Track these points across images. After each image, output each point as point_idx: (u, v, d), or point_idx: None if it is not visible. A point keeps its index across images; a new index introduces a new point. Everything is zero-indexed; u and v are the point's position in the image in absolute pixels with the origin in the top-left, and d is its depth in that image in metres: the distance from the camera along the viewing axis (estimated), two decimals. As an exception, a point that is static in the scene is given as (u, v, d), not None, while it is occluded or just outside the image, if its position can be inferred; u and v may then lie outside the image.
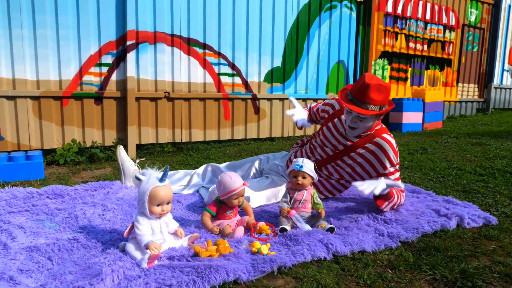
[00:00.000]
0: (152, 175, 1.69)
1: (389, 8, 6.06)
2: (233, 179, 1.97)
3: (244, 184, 2.00)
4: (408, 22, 6.34)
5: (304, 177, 2.07)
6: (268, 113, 4.97)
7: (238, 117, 4.74)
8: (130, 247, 1.65)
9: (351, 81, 5.76)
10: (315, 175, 2.10)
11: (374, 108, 2.13)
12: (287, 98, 5.08)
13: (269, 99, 4.95)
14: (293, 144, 3.10)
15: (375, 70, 6.07)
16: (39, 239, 1.82)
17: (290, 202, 2.08)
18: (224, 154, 4.18)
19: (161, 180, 1.67)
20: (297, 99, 5.14)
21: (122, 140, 4.04)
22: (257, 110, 4.88)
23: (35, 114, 3.60)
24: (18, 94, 3.49)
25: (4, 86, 3.46)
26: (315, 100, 5.37)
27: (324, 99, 5.29)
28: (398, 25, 6.23)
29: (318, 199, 2.11)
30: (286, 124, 5.16)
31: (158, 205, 1.67)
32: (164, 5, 4.09)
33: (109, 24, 3.84)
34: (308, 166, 2.09)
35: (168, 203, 1.71)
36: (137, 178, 1.69)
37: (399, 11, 6.20)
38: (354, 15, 5.62)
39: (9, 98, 3.47)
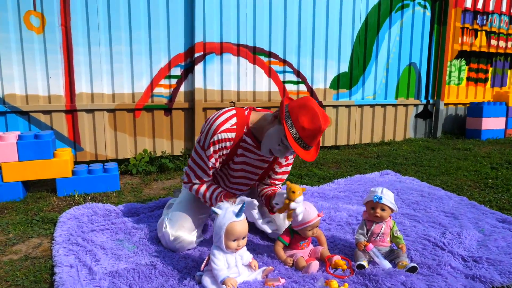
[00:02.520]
0: (228, 209, 1.67)
1: (468, 4, 5.55)
2: (308, 210, 1.90)
3: (319, 215, 1.91)
4: (490, 18, 5.76)
5: (383, 209, 1.93)
6: (333, 120, 4.81)
7: (302, 125, 4.63)
8: (207, 280, 1.65)
9: (423, 84, 5.38)
10: (395, 207, 1.95)
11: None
12: (353, 105, 4.87)
13: (335, 106, 4.78)
14: (355, 153, 2.91)
15: (450, 72, 5.61)
16: (120, 263, 1.89)
17: (367, 235, 1.95)
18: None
19: (238, 215, 1.65)
20: (364, 105, 4.93)
21: (189, 150, 4.13)
22: (322, 118, 4.73)
23: (110, 126, 3.80)
24: (96, 108, 3.70)
25: (84, 100, 3.70)
26: (383, 106, 5.10)
27: (394, 105, 5.00)
28: (478, 21, 5.69)
29: (398, 232, 1.96)
30: (352, 131, 4.95)
31: (234, 240, 1.65)
32: (231, 15, 4.10)
33: (178, 37, 3.94)
34: (388, 197, 1.95)
35: (244, 238, 1.68)
36: (214, 212, 1.68)
37: (479, 5, 5.65)
38: (428, 13, 5.22)
39: (88, 111, 3.70)
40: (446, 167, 3.89)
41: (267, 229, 1.97)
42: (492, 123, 5.30)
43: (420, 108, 5.42)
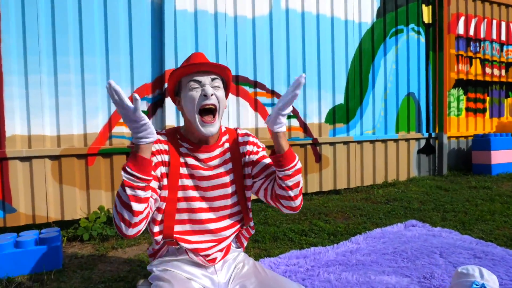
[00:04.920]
0: None
1: (461, 30, 5.20)
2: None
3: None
4: (482, 45, 5.43)
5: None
6: (331, 160, 4.10)
7: (297, 166, 3.87)
8: None
9: (423, 116, 4.84)
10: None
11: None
12: (352, 141, 4.21)
13: (332, 144, 4.09)
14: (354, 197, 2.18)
15: (449, 102, 5.13)
16: None
17: None
18: (284, 217, 3.30)
19: None
20: (364, 141, 4.28)
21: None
22: (318, 158, 4.02)
23: (54, 178, 2.89)
24: (34, 154, 2.81)
25: (18, 145, 2.80)
26: (383, 141, 4.47)
27: (395, 140, 4.39)
28: (471, 48, 5.34)
29: None
30: (352, 172, 4.24)
31: None
32: (208, 39, 3.42)
33: (144, 64, 3.18)
34: (492, 283, 1.18)
35: None
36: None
37: (471, 32, 5.33)
38: (423, 39, 4.79)
39: (23, 159, 2.79)
40: (477, 212, 3.21)
41: None
42: (501, 157, 4.78)
43: (423, 142, 4.84)
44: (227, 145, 1.54)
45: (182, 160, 1.45)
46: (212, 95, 1.38)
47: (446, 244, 2.43)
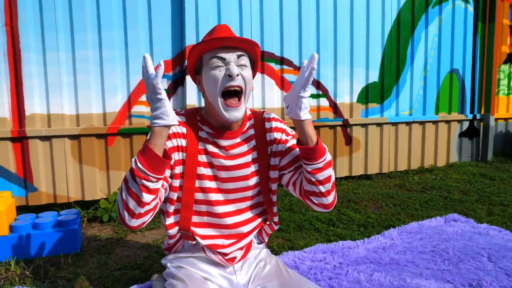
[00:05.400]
0: None
1: (516, -2, 4.64)
2: None
3: None
4: (540, 15, 4.84)
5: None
6: (362, 143, 3.83)
7: (325, 149, 3.64)
8: None
9: (467, 95, 4.42)
10: None
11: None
12: (386, 123, 3.90)
13: (364, 125, 3.81)
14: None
15: (499, 79, 4.65)
16: None
17: None
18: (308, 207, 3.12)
19: None
20: (399, 123, 3.96)
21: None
22: (349, 140, 3.76)
23: (74, 157, 2.85)
24: (54, 134, 2.76)
25: (38, 124, 2.76)
26: (421, 123, 4.12)
27: (434, 121, 4.04)
28: (527, 19, 4.77)
29: None
30: (385, 156, 3.96)
31: None
32: (231, 12, 3.19)
33: (163, 39, 3.02)
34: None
35: None
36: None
37: (528, 0, 4.75)
38: (471, 8, 4.31)
39: (43, 138, 2.76)
40: (528, 205, 2.88)
41: None
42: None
43: (465, 124, 4.44)
44: (252, 131, 1.36)
45: (201, 146, 1.29)
46: (238, 75, 1.19)
47: (495, 245, 2.14)
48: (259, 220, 1.40)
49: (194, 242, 1.33)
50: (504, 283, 1.72)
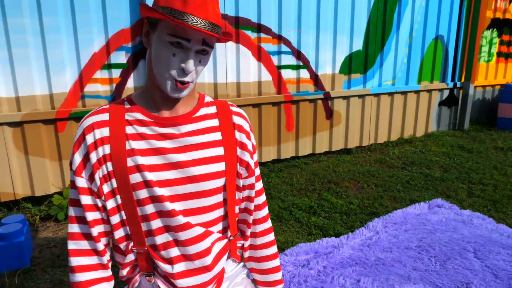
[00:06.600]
0: None
1: (505, -43, 4.34)
2: None
3: None
4: (527, -25, 4.59)
5: None
6: (343, 116, 3.59)
7: (305, 125, 3.39)
8: None
9: (450, 63, 4.23)
10: None
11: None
12: (368, 94, 3.66)
13: (346, 97, 3.55)
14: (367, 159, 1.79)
15: (481, 46, 4.47)
16: None
17: None
18: (288, 184, 2.91)
19: None
20: (382, 94, 3.75)
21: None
22: (329, 114, 3.51)
23: (18, 147, 2.41)
24: (-11, 121, 2.30)
25: (-33, 109, 2.27)
26: (403, 93, 3.92)
27: (416, 91, 3.86)
28: (514, -20, 4.52)
29: None
30: (366, 129, 3.77)
31: None
32: (200, -32, 2.69)
33: (119, 2, 2.52)
34: None
35: None
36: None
37: (516, -41, 4.46)
38: (460, -31, 3.98)
39: (-24, 127, 2.29)
40: (508, 186, 2.83)
41: None
42: (532, 111, 4.29)
43: (446, 93, 4.29)
44: (214, 122, 1.02)
45: (128, 146, 0.94)
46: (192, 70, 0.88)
47: (480, 237, 2.07)
48: (222, 235, 1.11)
49: (151, 279, 1.03)
50: (492, 285, 1.66)
